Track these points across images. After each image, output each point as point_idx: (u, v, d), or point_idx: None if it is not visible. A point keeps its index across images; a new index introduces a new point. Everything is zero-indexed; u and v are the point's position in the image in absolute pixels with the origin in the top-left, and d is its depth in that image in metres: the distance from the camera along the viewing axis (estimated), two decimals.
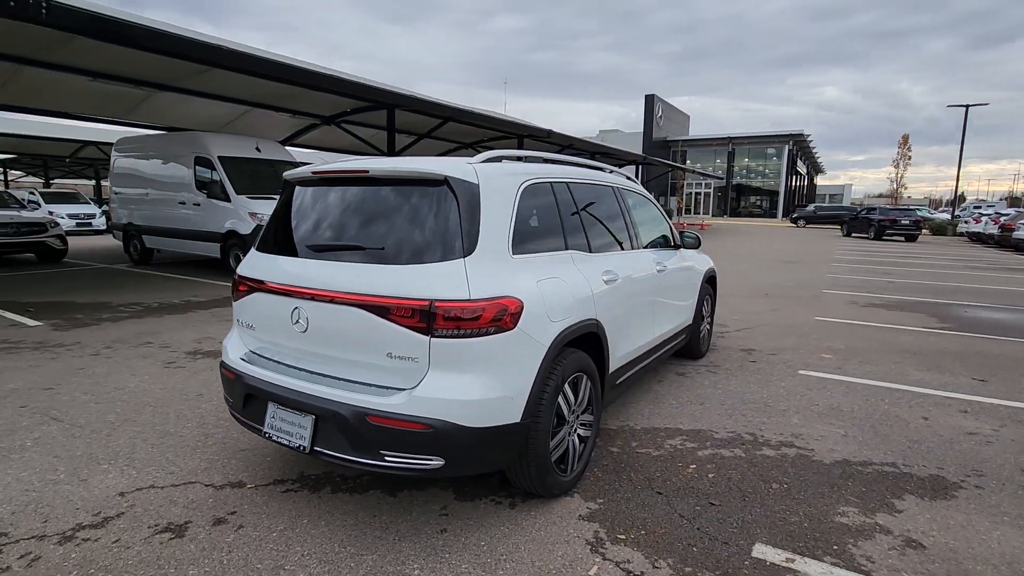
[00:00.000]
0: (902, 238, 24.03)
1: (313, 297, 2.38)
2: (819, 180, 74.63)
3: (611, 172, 3.97)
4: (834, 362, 5.11)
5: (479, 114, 15.11)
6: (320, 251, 2.52)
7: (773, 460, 3.17)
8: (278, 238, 2.75)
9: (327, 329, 2.37)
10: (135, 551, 2.30)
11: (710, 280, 5.25)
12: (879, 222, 23.96)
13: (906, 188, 53.67)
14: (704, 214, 43.30)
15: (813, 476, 2.99)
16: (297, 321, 2.44)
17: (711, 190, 44.02)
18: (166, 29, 8.55)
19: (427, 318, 2.15)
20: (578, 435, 2.83)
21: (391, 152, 16.37)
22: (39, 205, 19.46)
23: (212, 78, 12.97)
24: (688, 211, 44.25)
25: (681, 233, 4.58)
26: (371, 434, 2.19)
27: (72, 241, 17.00)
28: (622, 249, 3.55)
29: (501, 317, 2.24)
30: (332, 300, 2.32)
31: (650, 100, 40.33)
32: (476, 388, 2.21)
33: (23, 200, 16.38)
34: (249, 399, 2.59)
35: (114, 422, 3.61)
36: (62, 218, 18.95)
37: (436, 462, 2.17)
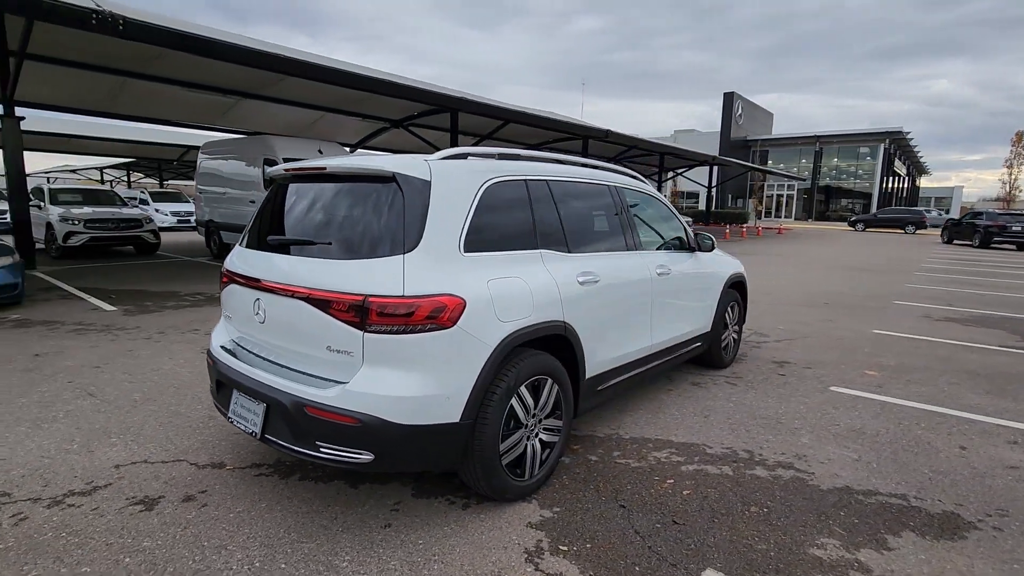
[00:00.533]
0: (1013, 247, 21.47)
1: (269, 290, 2.48)
2: (923, 182, 68.27)
3: (618, 171, 3.83)
4: (877, 380, 4.65)
5: (536, 116, 15.11)
6: (281, 246, 2.61)
7: (763, 481, 2.93)
8: (257, 233, 2.88)
9: (280, 321, 2.45)
10: (106, 520, 2.49)
11: (735, 286, 4.94)
12: (986, 228, 21.51)
13: (1021, 191, 47.83)
14: (786, 218, 40.81)
15: (802, 502, 2.74)
16: (257, 312, 2.55)
17: (794, 192, 41.38)
18: (239, 43, 9.22)
19: (361, 313, 2.17)
20: (540, 440, 2.75)
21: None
22: (148, 203, 21.59)
23: (288, 86, 13.90)
24: (768, 214, 41.89)
25: (696, 235, 4.33)
26: (308, 425, 2.25)
27: (174, 236, 18.74)
28: (613, 250, 3.41)
29: (438, 315, 2.22)
30: (283, 293, 2.41)
31: (729, 98, 38.55)
32: (408, 385, 2.20)
33: (128, 199, 18.25)
34: (220, 385, 2.74)
35: (138, 400, 3.93)
36: (166, 215, 20.93)
37: (366, 456, 2.19)
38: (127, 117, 15.79)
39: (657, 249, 3.96)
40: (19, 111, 11.10)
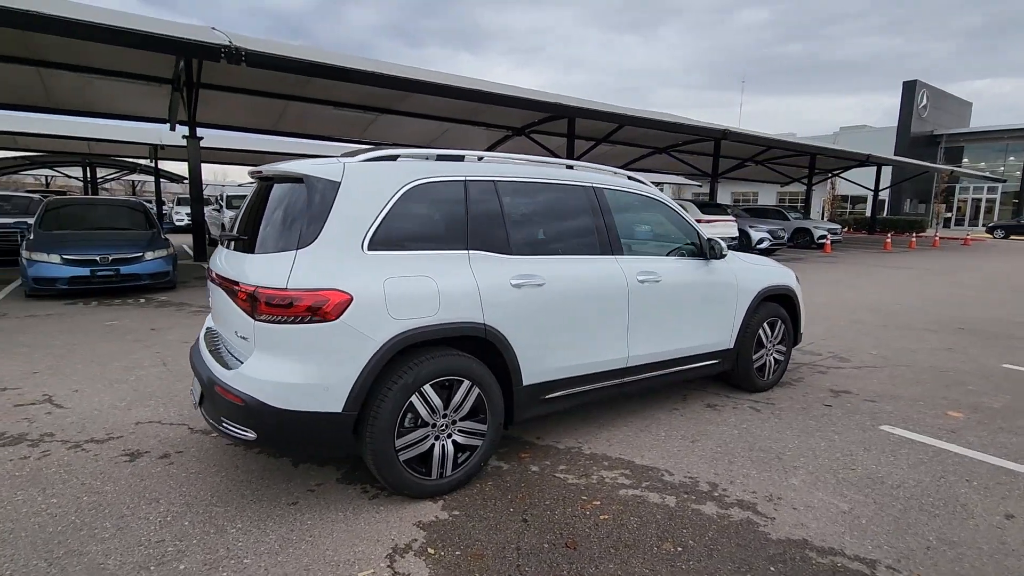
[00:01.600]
0: None
1: (213, 280, 2.81)
2: None
3: (606, 172, 3.64)
4: (956, 423, 3.78)
5: (647, 118, 14.59)
6: (230, 242, 2.94)
7: (703, 518, 2.59)
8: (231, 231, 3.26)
9: (217, 308, 2.77)
10: (97, 464, 3.01)
11: (778, 299, 4.36)
12: None
13: None
14: (980, 226, 33.92)
15: (733, 549, 2.37)
16: (212, 301, 2.90)
17: (996, 196, 34.20)
18: (359, 67, 10.25)
19: (253, 302, 2.38)
20: (454, 441, 2.74)
21: (570, 156, 16.80)
22: None
23: (414, 102, 15.15)
24: (960, 222, 35.25)
25: (710, 241, 3.91)
26: (216, 401, 2.51)
27: None
28: (580, 254, 3.24)
29: (319, 308, 2.35)
30: (216, 283, 2.72)
31: (909, 88, 33.16)
32: (288, 372, 2.36)
33: None
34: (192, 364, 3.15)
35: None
36: None
37: (250, 435, 2.39)
38: (289, 134, 18.38)
39: (654, 255, 3.67)
40: (200, 131, 13.47)
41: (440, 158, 2.98)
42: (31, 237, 8.16)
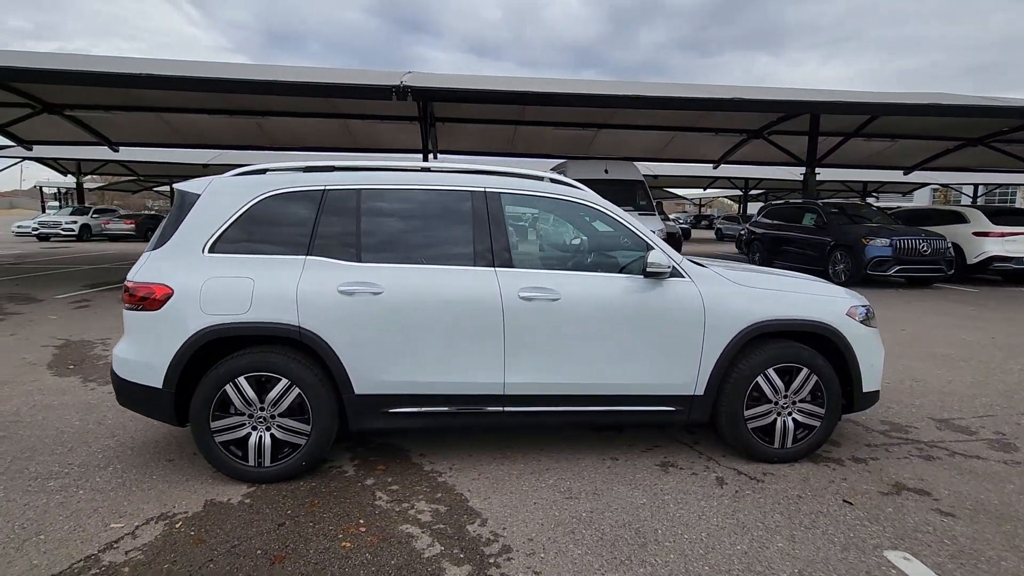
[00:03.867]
0: None
1: None
2: None
3: (516, 175, 3.25)
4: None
5: (907, 104, 11.34)
6: None
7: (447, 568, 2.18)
8: None
9: None
10: None
11: (802, 337, 3.15)
12: None
13: None
14: None
15: None
16: None
17: None
18: (558, 90, 10.87)
19: (124, 291, 2.99)
20: (272, 435, 2.90)
21: (811, 158, 14.39)
22: None
23: (627, 116, 15.12)
24: None
25: (656, 254, 3.04)
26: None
27: None
28: (445, 264, 3.00)
29: (147, 298, 2.82)
30: None
31: None
32: (127, 348, 2.90)
33: None
34: None
35: None
36: None
37: (117, 397, 3.00)
38: (522, 155, 20.20)
39: (565, 269, 3.12)
40: (442, 157, 15.97)
41: (307, 169, 3.17)
42: None
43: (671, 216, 33.89)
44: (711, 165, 20.66)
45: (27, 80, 12.19)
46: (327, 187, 3.05)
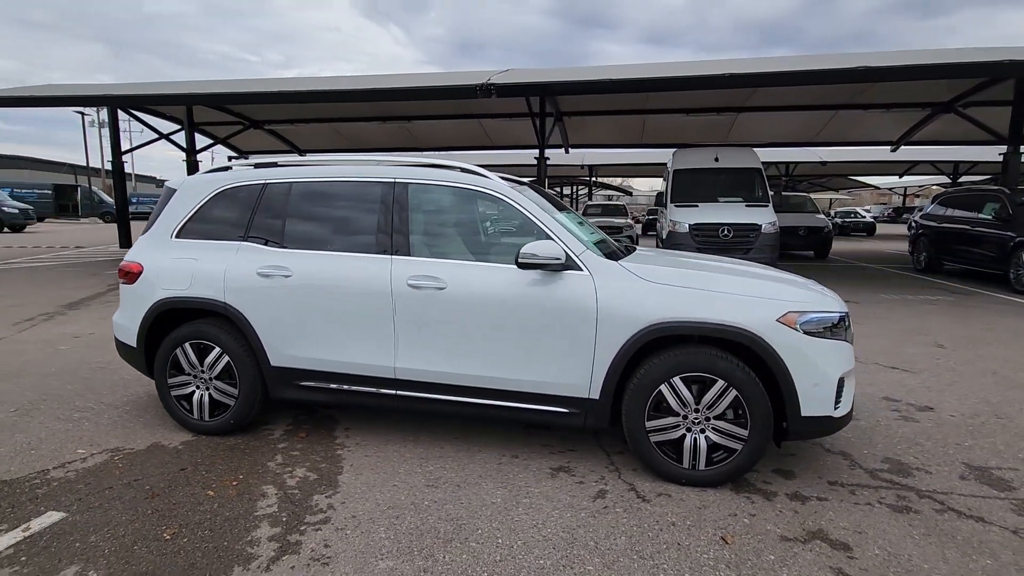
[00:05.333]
0: None
1: None
2: None
3: (431, 166, 3.28)
4: None
5: None
6: None
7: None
8: None
9: None
10: None
11: (721, 344, 2.70)
12: None
13: None
14: None
15: None
16: None
17: None
18: (687, 73, 10.37)
19: None
20: (210, 396, 3.38)
21: (1015, 133, 11.60)
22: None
23: (768, 96, 13.70)
24: None
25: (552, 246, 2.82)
26: None
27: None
28: (352, 251, 3.18)
29: (128, 272, 3.49)
30: None
31: None
32: (118, 314, 3.60)
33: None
34: None
35: None
36: None
37: (118, 352, 3.75)
38: (652, 145, 19.26)
39: (461, 259, 3.08)
40: (573, 151, 16.03)
41: (256, 166, 3.57)
42: None
43: (824, 211, 29.28)
44: (888, 147, 17.46)
45: (233, 103, 15.20)
46: (267, 181, 3.44)
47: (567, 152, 19.27)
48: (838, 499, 2.70)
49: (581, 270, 2.89)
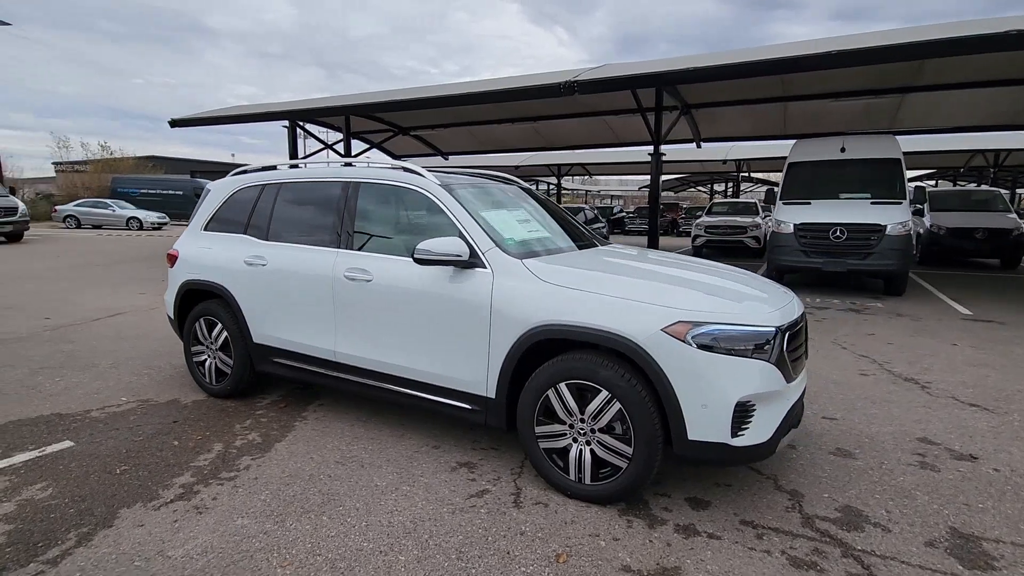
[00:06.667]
0: None
1: None
2: None
3: (380, 167, 3.49)
4: None
5: None
6: None
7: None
8: None
9: None
10: None
11: (606, 352, 2.51)
12: None
13: None
14: None
15: None
16: None
17: None
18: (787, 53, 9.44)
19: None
20: (216, 364, 3.99)
21: None
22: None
23: (943, 70, 11.63)
24: None
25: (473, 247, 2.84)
26: None
27: None
28: (313, 244, 3.52)
29: (171, 258, 4.25)
30: None
31: None
32: (166, 292, 4.38)
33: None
34: None
35: None
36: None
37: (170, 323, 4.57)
38: (796, 135, 17.11)
39: (393, 254, 3.22)
40: (706, 146, 15.12)
41: (262, 169, 4.09)
42: None
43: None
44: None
45: (371, 112, 16.98)
46: (265, 183, 3.95)
47: (699, 147, 18.06)
48: (733, 540, 2.34)
49: (485, 268, 2.88)
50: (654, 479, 2.81)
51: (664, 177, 39.73)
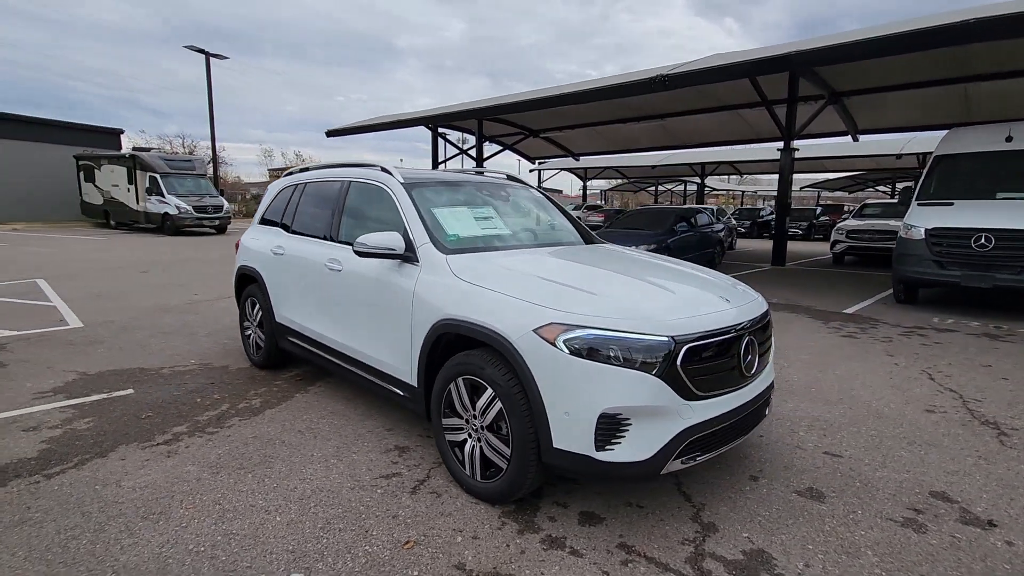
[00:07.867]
0: None
1: None
2: None
3: (369, 167, 3.76)
4: None
5: None
6: None
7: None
8: None
9: None
10: None
11: (486, 348, 2.49)
12: None
13: None
14: None
15: None
16: None
17: None
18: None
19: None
20: (257, 338, 4.64)
21: None
22: None
23: None
24: None
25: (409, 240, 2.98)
26: None
27: None
28: (318, 237, 3.93)
29: (236, 247, 5.01)
30: None
31: None
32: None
33: None
34: None
35: None
36: None
37: None
38: (984, 122, 13.98)
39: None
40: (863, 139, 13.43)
41: (300, 170, 4.62)
42: None
43: None
44: None
45: (504, 112, 17.68)
46: (296, 183, 4.48)
47: (855, 140, 15.79)
48: (593, 561, 2.18)
49: (417, 262, 3.00)
50: (570, 487, 2.71)
51: (827, 176, 35.27)
